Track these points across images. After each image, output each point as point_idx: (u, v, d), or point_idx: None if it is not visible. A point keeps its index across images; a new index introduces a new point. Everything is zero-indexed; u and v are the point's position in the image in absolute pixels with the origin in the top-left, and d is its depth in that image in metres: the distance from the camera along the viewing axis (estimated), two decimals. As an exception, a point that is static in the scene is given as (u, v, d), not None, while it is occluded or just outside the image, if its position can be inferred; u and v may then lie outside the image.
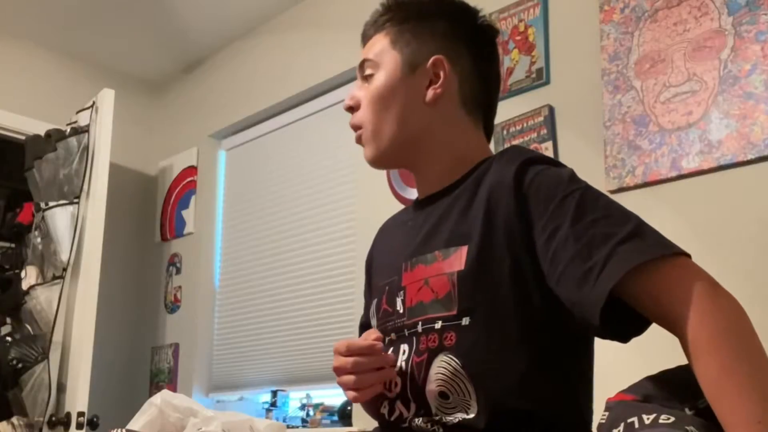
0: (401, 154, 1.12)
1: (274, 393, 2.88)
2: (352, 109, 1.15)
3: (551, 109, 2.18)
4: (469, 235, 0.99)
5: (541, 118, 2.20)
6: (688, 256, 0.87)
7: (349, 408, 2.62)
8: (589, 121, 2.11)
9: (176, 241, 3.61)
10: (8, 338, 2.97)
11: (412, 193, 2.60)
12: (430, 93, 1.09)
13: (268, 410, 2.86)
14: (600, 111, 2.08)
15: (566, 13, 2.25)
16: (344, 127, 3.10)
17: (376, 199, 2.61)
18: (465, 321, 0.96)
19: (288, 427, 2.78)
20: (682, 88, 1.94)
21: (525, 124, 2.23)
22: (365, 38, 1.17)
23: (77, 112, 3.20)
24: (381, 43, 1.13)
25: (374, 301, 1.14)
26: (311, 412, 2.81)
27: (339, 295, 2.81)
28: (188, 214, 3.57)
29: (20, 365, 2.84)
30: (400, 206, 2.65)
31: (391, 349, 1.05)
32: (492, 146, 2.50)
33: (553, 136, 2.16)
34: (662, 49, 1.99)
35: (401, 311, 1.05)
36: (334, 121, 3.03)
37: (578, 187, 0.95)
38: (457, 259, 0.99)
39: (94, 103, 3.13)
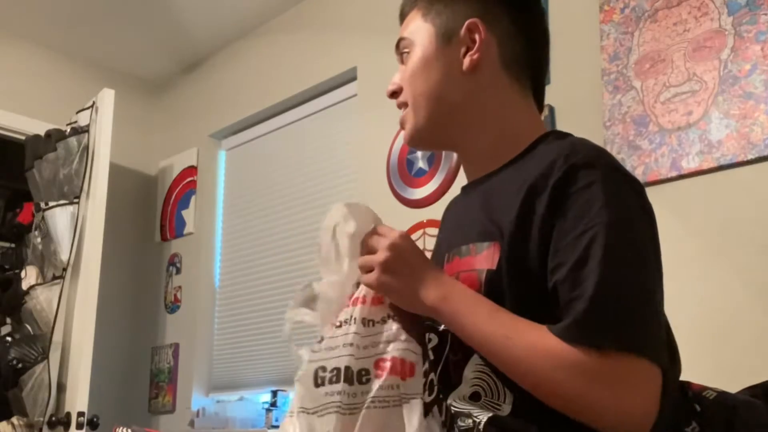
0: (440, 131, 1.06)
1: (274, 393, 2.88)
2: (395, 94, 1.09)
3: (551, 109, 2.18)
4: (503, 230, 0.91)
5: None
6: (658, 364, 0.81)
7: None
8: (589, 121, 2.10)
9: (176, 241, 3.61)
10: (8, 338, 2.96)
11: (413, 193, 2.60)
12: (467, 60, 1.02)
13: (268, 410, 2.85)
14: (600, 111, 2.08)
15: (566, 13, 2.25)
16: (344, 127, 3.09)
17: (376, 200, 2.61)
18: None
19: (288, 427, 2.77)
20: (682, 88, 1.94)
21: (525, 124, 2.23)
22: (402, 17, 1.11)
23: (77, 112, 3.20)
24: (415, 19, 1.07)
25: None
26: (311, 412, 2.80)
27: (339, 295, 2.80)
28: (188, 214, 3.57)
29: (20, 365, 2.84)
30: (401, 206, 2.69)
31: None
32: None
33: (553, 136, 2.16)
34: (662, 49, 1.99)
35: None
36: (334, 121, 3.03)
37: (601, 222, 0.85)
38: (489, 256, 0.91)
39: (94, 103, 3.13)
